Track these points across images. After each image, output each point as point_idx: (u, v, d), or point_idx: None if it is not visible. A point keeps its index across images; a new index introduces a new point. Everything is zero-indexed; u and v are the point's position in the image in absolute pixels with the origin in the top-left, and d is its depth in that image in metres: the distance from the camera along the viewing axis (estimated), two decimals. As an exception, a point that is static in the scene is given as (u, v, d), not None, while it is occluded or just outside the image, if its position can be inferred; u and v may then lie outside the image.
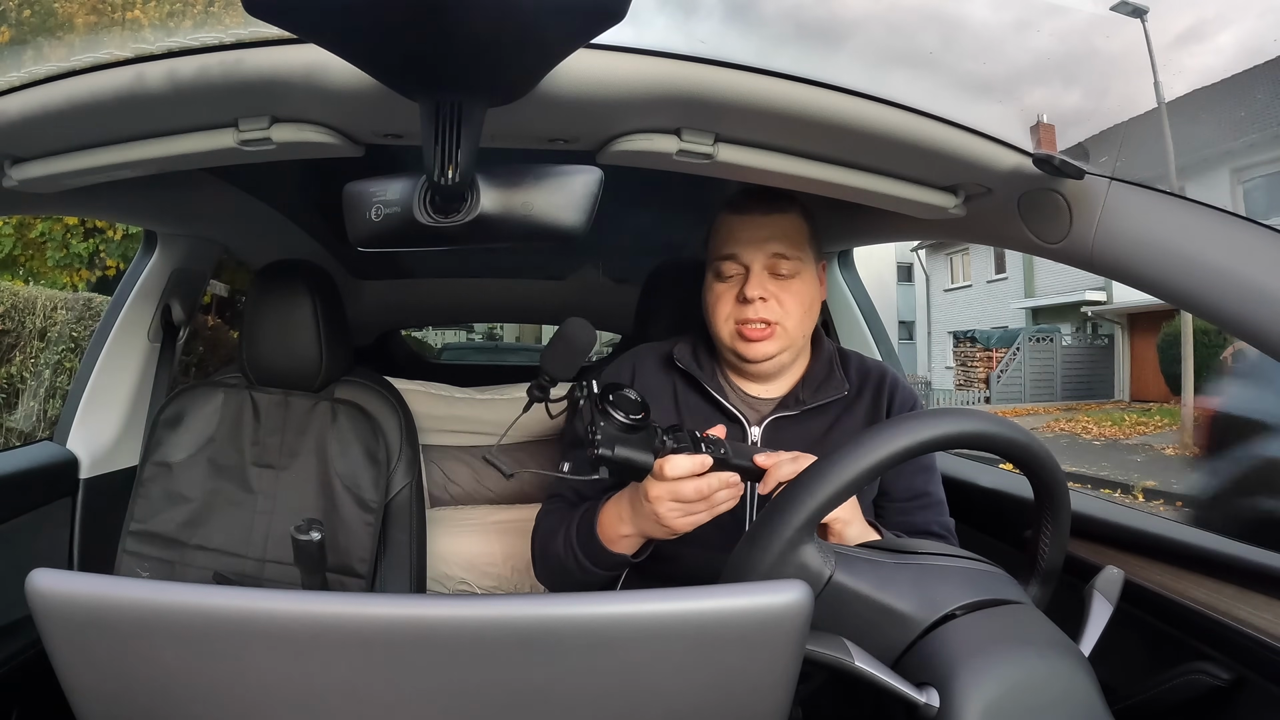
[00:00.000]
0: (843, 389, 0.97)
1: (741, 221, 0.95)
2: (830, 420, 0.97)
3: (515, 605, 0.42)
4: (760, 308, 0.92)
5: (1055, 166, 0.78)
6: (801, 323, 0.95)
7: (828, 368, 0.99)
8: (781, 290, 0.93)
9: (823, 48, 0.73)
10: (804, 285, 0.95)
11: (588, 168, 0.60)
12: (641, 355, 1.05)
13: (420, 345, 7.48)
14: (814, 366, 1.00)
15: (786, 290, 0.94)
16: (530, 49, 0.50)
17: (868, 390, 0.99)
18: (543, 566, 0.97)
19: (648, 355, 1.05)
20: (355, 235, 0.63)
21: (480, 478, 1.52)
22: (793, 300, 0.94)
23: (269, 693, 0.43)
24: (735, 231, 0.95)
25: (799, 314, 0.94)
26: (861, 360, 1.04)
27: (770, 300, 0.93)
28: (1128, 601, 0.68)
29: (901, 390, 0.99)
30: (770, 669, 0.45)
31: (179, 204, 1.25)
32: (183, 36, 0.68)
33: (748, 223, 0.95)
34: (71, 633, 0.43)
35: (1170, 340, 10.85)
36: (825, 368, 0.99)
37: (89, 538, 1.18)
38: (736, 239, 0.95)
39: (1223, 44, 3.24)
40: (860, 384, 1.00)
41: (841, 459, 0.56)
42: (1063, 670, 0.54)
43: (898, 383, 1.00)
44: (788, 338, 0.94)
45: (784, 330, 0.93)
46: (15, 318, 4.79)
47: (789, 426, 0.96)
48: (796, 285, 0.94)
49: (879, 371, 1.01)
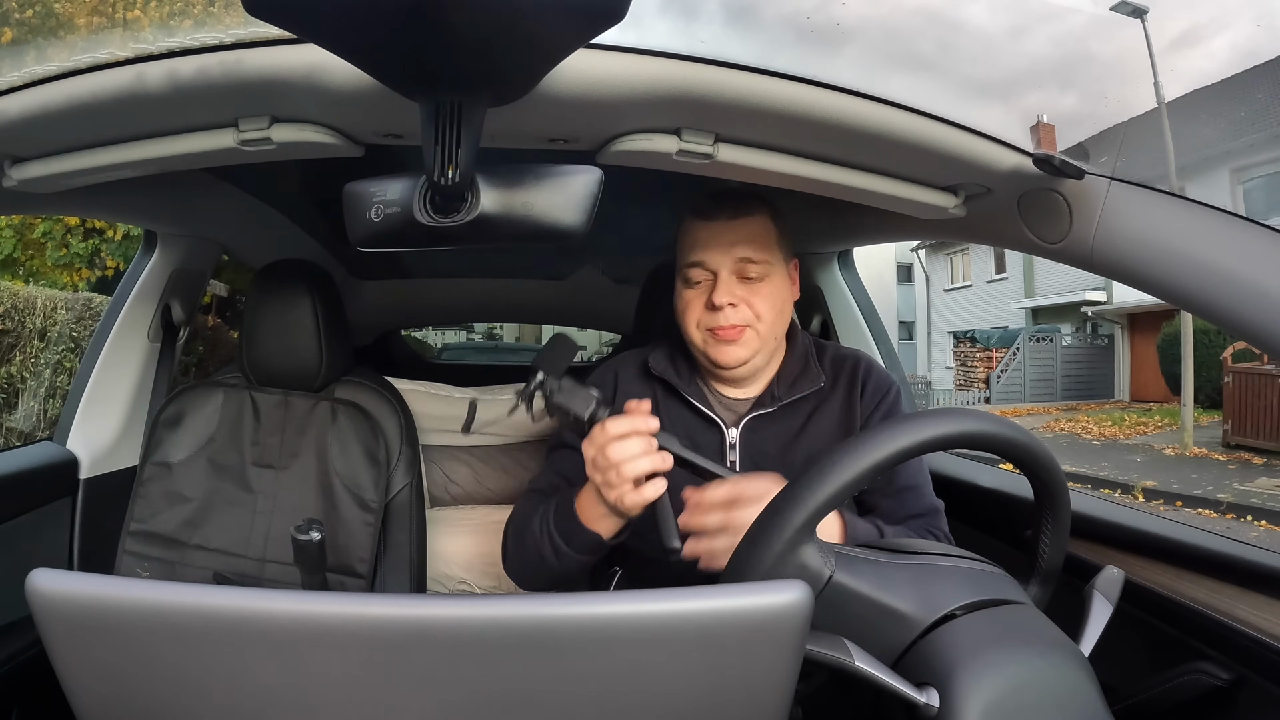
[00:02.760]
0: (819, 381, 0.96)
1: (707, 227, 0.94)
2: (805, 415, 0.96)
3: (515, 605, 0.42)
4: (730, 314, 0.91)
5: (1055, 166, 0.78)
6: (774, 325, 0.94)
7: (803, 361, 0.99)
8: (751, 294, 0.92)
9: (822, 53, 0.73)
10: (774, 287, 0.94)
11: (588, 168, 0.60)
12: (623, 364, 1.04)
13: (420, 345, 7.48)
14: (789, 362, 0.99)
15: (756, 294, 0.92)
16: (530, 49, 0.50)
17: (842, 380, 0.98)
18: (516, 555, 0.94)
19: (628, 364, 1.04)
20: (355, 235, 0.63)
21: (480, 478, 1.52)
22: (763, 303, 0.93)
23: (269, 693, 0.43)
24: (701, 237, 0.94)
25: (770, 316, 0.93)
26: (837, 350, 1.03)
27: (740, 305, 0.92)
28: (1128, 601, 0.68)
29: (875, 377, 0.98)
30: (770, 669, 0.45)
31: (179, 204, 1.25)
32: (183, 36, 0.68)
33: (713, 228, 0.93)
34: (71, 633, 0.43)
35: (1170, 340, 10.86)
36: (800, 362, 0.99)
37: (89, 538, 1.18)
38: (702, 245, 0.94)
39: (1216, 48, 3.25)
40: (835, 375, 0.99)
41: (841, 459, 0.56)
42: (1063, 670, 0.54)
43: (871, 369, 0.99)
44: (759, 341, 0.93)
45: (755, 334, 0.93)
46: (15, 318, 4.79)
47: (765, 425, 0.95)
48: (766, 288, 0.93)
49: (853, 359, 1.00)
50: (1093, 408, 13.16)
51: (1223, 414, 9.04)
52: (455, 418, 1.47)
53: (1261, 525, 5.84)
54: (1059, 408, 13.49)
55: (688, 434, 0.96)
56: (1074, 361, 14.73)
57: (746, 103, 0.71)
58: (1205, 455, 8.46)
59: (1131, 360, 14.21)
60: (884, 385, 0.98)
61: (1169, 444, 9.13)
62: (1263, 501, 6.24)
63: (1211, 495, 6.57)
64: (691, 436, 0.96)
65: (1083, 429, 10.64)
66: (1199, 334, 9.41)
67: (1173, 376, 10.55)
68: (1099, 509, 0.99)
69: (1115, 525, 0.94)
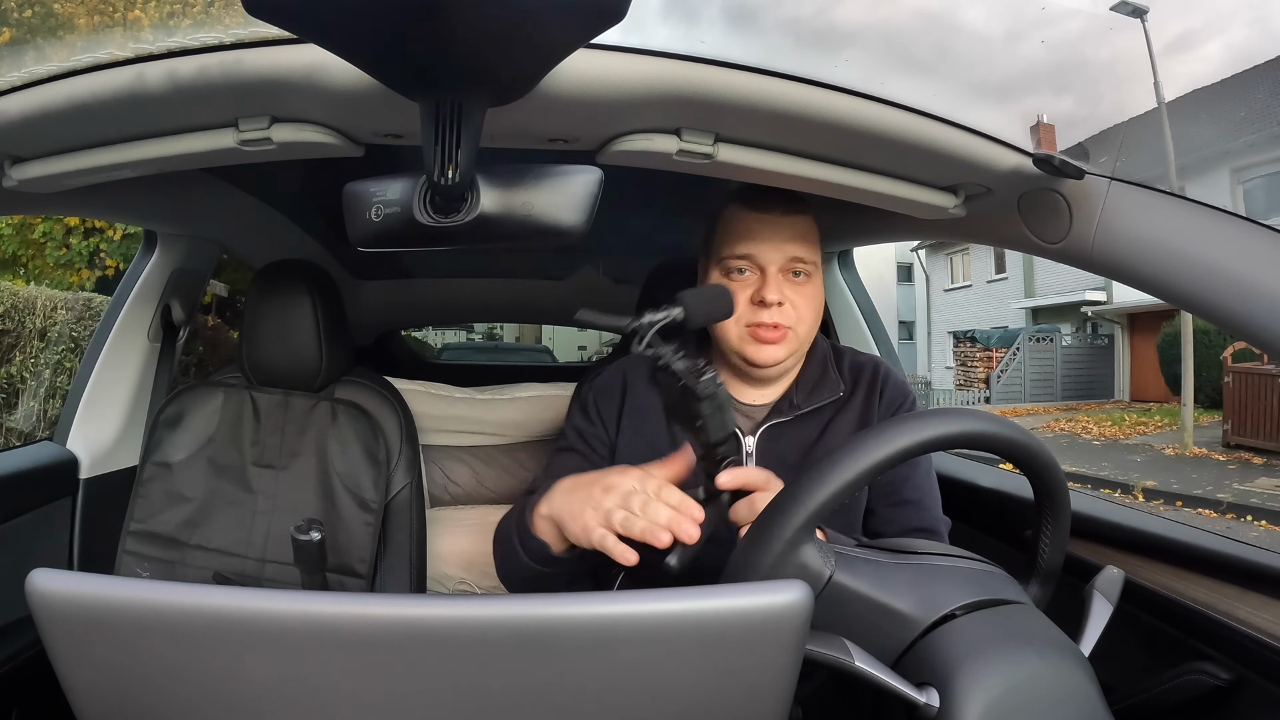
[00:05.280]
0: (838, 390, 0.95)
1: (761, 220, 0.91)
2: (824, 423, 0.94)
3: (515, 605, 0.42)
4: (777, 312, 0.89)
5: (1055, 166, 0.78)
6: (812, 328, 0.93)
7: (822, 368, 0.97)
8: (796, 294, 0.90)
9: (822, 57, 0.73)
10: (816, 289, 0.93)
11: (588, 168, 0.60)
12: (632, 366, 1.01)
13: (420, 345, 7.49)
14: (808, 368, 0.97)
15: (801, 294, 0.91)
16: (530, 49, 0.50)
17: (860, 388, 0.96)
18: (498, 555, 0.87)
19: (638, 364, 1.01)
20: (355, 235, 0.62)
21: (480, 478, 1.52)
22: (806, 304, 0.91)
23: (269, 693, 0.43)
24: (754, 230, 0.91)
25: (811, 319, 0.92)
26: (855, 357, 1.01)
27: (786, 304, 0.89)
28: (1128, 601, 0.68)
29: (892, 385, 0.96)
30: (770, 669, 0.45)
31: (179, 204, 1.25)
32: (183, 36, 0.68)
33: (768, 222, 0.90)
34: (71, 633, 0.43)
35: (1170, 340, 10.87)
36: (819, 368, 0.97)
37: (89, 538, 1.18)
38: (754, 238, 0.90)
39: (1211, 52, 3.26)
40: (854, 382, 0.97)
41: (842, 459, 0.56)
42: (1063, 670, 0.54)
43: (889, 377, 0.97)
44: (798, 342, 0.92)
45: (795, 335, 0.91)
46: (15, 318, 4.79)
47: (782, 434, 0.93)
48: (810, 289, 0.92)
49: (871, 367, 0.98)
50: (1093, 408, 13.16)
51: (1223, 414, 9.05)
52: (455, 418, 1.47)
53: (1261, 525, 5.85)
54: (1059, 408, 13.49)
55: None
56: (1074, 361, 14.73)
57: (747, 102, 0.71)
58: (1205, 455, 8.46)
59: (1131, 360, 14.21)
60: (901, 394, 0.96)
61: (1169, 444, 9.13)
62: (1263, 501, 6.25)
63: (1211, 495, 6.57)
64: None
65: (1083, 429, 10.65)
66: (1199, 334, 9.41)
67: (1173, 376, 10.55)
68: (1099, 509, 0.99)
69: (1115, 525, 0.94)
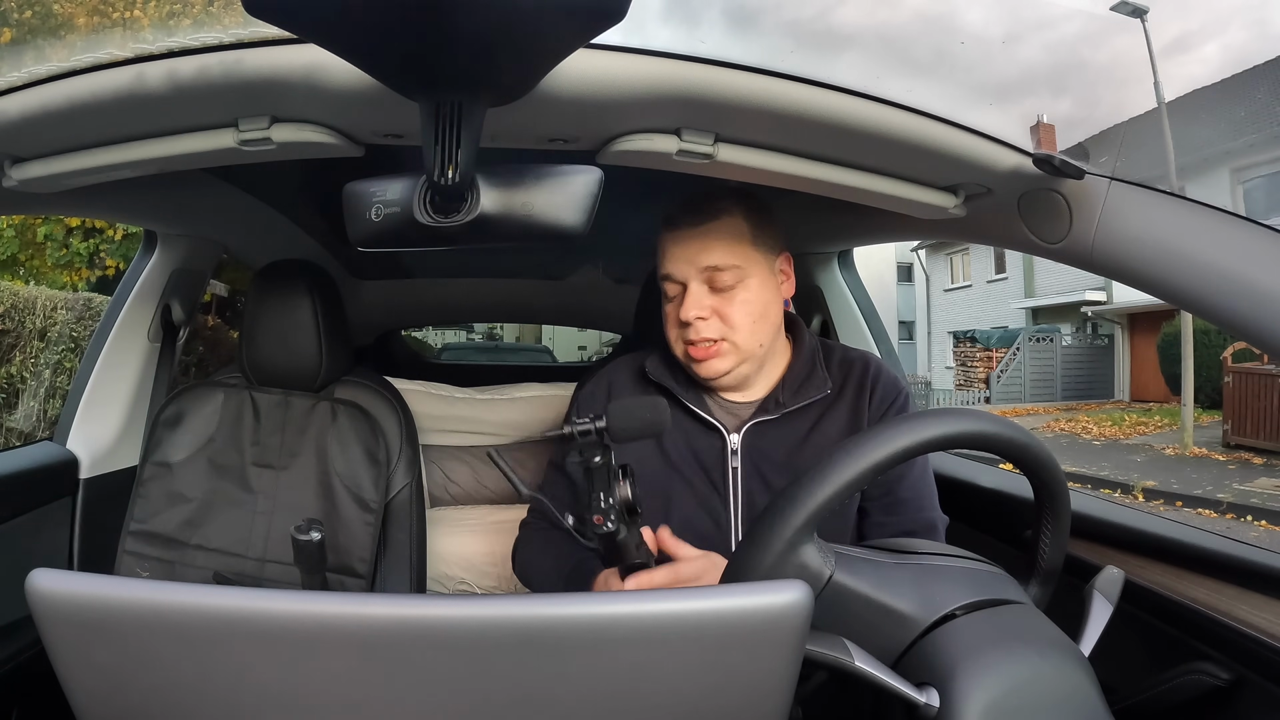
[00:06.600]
0: (825, 388, 0.93)
1: (672, 237, 0.91)
2: (811, 421, 0.93)
3: (515, 605, 0.42)
4: (701, 327, 0.88)
5: (1055, 166, 0.78)
6: (753, 333, 0.90)
7: (809, 366, 0.95)
8: (724, 304, 0.89)
9: (822, 59, 0.73)
10: (750, 293, 0.90)
11: (588, 168, 0.60)
12: (616, 371, 1.01)
13: (420, 345, 7.49)
14: (795, 365, 0.96)
15: (729, 303, 0.89)
16: (530, 49, 0.50)
17: (850, 386, 0.95)
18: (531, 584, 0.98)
19: (622, 371, 1.01)
20: (355, 235, 0.63)
21: (480, 478, 1.52)
22: (738, 311, 0.89)
23: (269, 693, 0.43)
24: (667, 248, 0.91)
25: (747, 325, 0.89)
26: (845, 354, 0.99)
27: (711, 318, 0.88)
28: (1128, 601, 0.68)
29: (883, 382, 0.95)
30: (770, 669, 0.45)
31: (179, 204, 1.25)
32: (183, 36, 0.68)
33: (678, 237, 0.90)
34: (71, 633, 0.43)
35: (1170, 340, 10.87)
36: (807, 365, 0.95)
37: (89, 538, 1.18)
38: (668, 256, 0.91)
39: (1208, 54, 3.26)
40: (843, 379, 0.95)
41: (842, 459, 0.56)
42: (1063, 670, 0.54)
43: (880, 374, 0.95)
44: (739, 352, 0.90)
45: (733, 345, 0.89)
46: (15, 318, 4.79)
47: (768, 431, 0.93)
48: (741, 295, 0.89)
49: (861, 364, 0.97)
50: (1093, 408, 13.16)
51: (1223, 414, 9.04)
52: (455, 418, 1.47)
53: (1261, 525, 5.85)
54: (1059, 408, 13.49)
55: (687, 441, 0.94)
56: (1074, 361, 14.73)
57: (747, 103, 0.71)
58: (1205, 455, 8.46)
59: (1131, 360, 14.21)
60: (893, 389, 0.94)
61: (1169, 444, 9.13)
62: (1263, 501, 6.25)
63: (1211, 495, 6.57)
64: (691, 443, 0.94)
65: (1083, 429, 10.64)
66: (1199, 334, 9.41)
67: (1173, 376, 10.55)
68: (1099, 509, 0.98)
69: (1115, 525, 0.94)
